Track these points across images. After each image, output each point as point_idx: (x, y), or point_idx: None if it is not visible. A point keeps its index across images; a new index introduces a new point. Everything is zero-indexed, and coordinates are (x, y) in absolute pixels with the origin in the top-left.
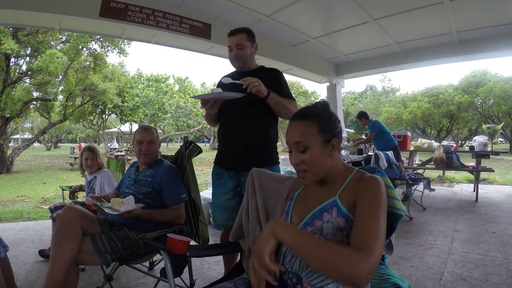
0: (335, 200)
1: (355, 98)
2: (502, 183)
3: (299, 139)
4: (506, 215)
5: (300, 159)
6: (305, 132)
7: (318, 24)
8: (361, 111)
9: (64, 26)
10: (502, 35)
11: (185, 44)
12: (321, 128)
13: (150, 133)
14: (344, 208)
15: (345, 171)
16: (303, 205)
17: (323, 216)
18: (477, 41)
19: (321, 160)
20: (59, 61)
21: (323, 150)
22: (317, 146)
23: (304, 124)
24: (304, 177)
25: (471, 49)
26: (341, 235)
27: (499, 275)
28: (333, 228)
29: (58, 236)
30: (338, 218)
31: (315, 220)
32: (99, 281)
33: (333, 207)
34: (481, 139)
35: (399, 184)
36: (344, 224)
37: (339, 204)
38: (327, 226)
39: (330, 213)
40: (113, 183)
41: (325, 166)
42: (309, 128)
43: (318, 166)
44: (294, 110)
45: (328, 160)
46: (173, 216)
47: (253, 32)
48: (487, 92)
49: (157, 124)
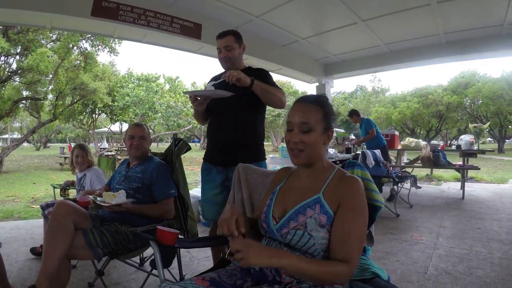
0: (319, 197)
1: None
2: (489, 181)
3: (306, 120)
4: (491, 212)
5: (301, 139)
6: (311, 115)
7: (307, 24)
8: (352, 109)
9: (55, 25)
10: (489, 37)
11: (176, 43)
12: (325, 116)
13: (141, 129)
14: (327, 206)
15: (328, 167)
16: (285, 199)
17: (307, 212)
18: (465, 43)
19: (317, 145)
20: (50, 60)
21: (321, 136)
22: (318, 131)
23: (312, 108)
24: (298, 156)
25: (458, 50)
26: (323, 231)
27: (483, 269)
28: (315, 224)
29: (51, 230)
30: (320, 214)
31: (299, 215)
32: (90, 277)
33: (317, 204)
34: (468, 138)
35: (386, 182)
36: (325, 220)
37: (322, 201)
38: (310, 222)
39: (314, 209)
40: (103, 180)
41: (317, 152)
42: (317, 112)
43: (313, 149)
44: (283, 97)
45: (321, 148)
46: (163, 211)
47: (240, 34)
48: (475, 93)
49: (147, 123)
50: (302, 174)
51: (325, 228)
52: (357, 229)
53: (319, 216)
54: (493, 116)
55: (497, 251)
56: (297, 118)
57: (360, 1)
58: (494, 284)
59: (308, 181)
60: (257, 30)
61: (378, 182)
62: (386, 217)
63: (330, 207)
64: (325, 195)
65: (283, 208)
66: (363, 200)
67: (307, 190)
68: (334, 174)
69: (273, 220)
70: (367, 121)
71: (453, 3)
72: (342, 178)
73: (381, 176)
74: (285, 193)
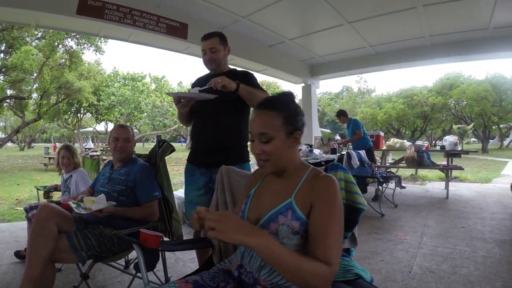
0: (291, 202)
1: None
2: (473, 181)
3: (264, 131)
4: (475, 211)
5: (262, 149)
6: (269, 124)
7: (294, 25)
8: (340, 110)
9: (40, 22)
10: (474, 40)
11: (162, 43)
12: (286, 120)
13: (126, 131)
14: (299, 211)
15: (301, 168)
16: (258, 204)
17: (279, 219)
18: (450, 45)
19: (282, 152)
20: (34, 58)
21: (285, 142)
22: (280, 138)
23: (269, 116)
24: (264, 167)
25: (443, 52)
26: (296, 238)
27: (467, 267)
28: (288, 231)
29: (34, 234)
30: (293, 221)
31: (271, 223)
32: (75, 280)
33: (288, 210)
34: (452, 138)
35: (370, 182)
36: (298, 226)
37: (294, 206)
38: (282, 229)
39: (286, 215)
40: (88, 182)
41: (285, 158)
42: (274, 119)
43: (278, 157)
44: None
45: (288, 152)
46: (147, 214)
47: (225, 36)
48: (460, 94)
49: (133, 123)
50: (274, 177)
51: (299, 234)
52: (333, 229)
53: (291, 222)
54: (477, 117)
55: (481, 249)
56: (255, 129)
57: (346, 3)
58: (478, 282)
59: (281, 184)
60: (244, 30)
61: (363, 182)
62: (371, 216)
63: (302, 211)
64: (297, 199)
65: (257, 213)
66: (338, 200)
67: (280, 194)
68: (307, 176)
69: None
70: (355, 121)
71: (439, 6)
72: (316, 178)
73: (366, 177)
74: (259, 197)
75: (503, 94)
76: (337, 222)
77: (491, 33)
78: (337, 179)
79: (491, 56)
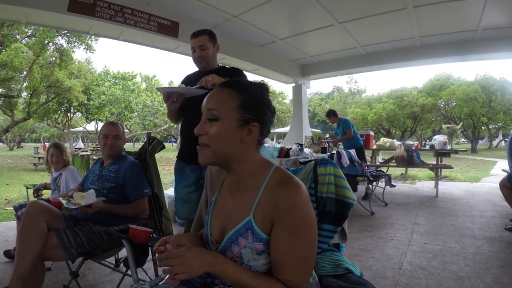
0: (250, 221)
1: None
2: (462, 180)
3: (212, 106)
4: (464, 209)
5: (204, 129)
6: (222, 100)
7: (285, 25)
8: (330, 109)
9: (31, 20)
10: (463, 41)
11: (153, 42)
12: (243, 103)
13: (116, 128)
14: (259, 231)
15: (262, 169)
16: (218, 217)
17: (239, 241)
18: (440, 46)
19: (228, 141)
20: (24, 56)
21: (236, 130)
22: (229, 122)
23: (225, 93)
24: (201, 152)
25: (433, 53)
26: (262, 257)
27: (457, 263)
28: (252, 253)
29: (24, 231)
30: (255, 243)
31: (232, 245)
32: (65, 279)
33: (248, 231)
34: (441, 138)
35: (360, 180)
36: (262, 247)
37: (254, 227)
38: (245, 252)
39: (246, 237)
40: (77, 180)
41: (232, 151)
42: (229, 98)
43: (221, 146)
44: None
45: (238, 146)
46: (137, 211)
47: (214, 33)
48: (449, 95)
49: (123, 123)
50: (231, 182)
51: (265, 253)
52: (303, 247)
53: (253, 244)
54: (467, 117)
55: (470, 246)
56: (205, 104)
57: (337, 3)
58: (468, 278)
59: (238, 194)
60: (235, 30)
61: (353, 181)
62: (361, 215)
63: (263, 230)
64: (256, 216)
65: (218, 230)
66: (306, 212)
67: (238, 208)
68: (268, 181)
69: (213, 244)
70: (345, 121)
71: (429, 8)
72: (278, 186)
73: (356, 175)
74: (219, 208)
75: (492, 95)
76: (305, 238)
77: (480, 34)
78: (327, 174)
79: (480, 57)
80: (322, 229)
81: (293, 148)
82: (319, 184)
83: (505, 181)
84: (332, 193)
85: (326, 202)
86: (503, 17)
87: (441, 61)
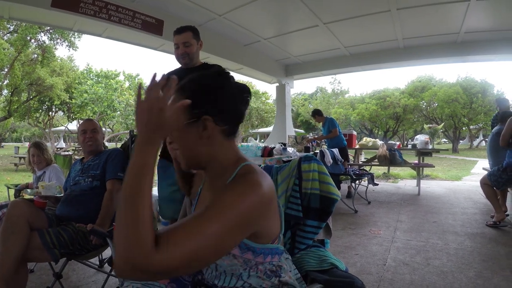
0: None
1: (305, 99)
2: (444, 178)
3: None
4: (446, 206)
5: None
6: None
7: (269, 25)
8: (315, 109)
9: (14, 15)
10: (445, 44)
11: (137, 39)
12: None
13: (92, 123)
14: None
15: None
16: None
17: None
18: (422, 48)
19: (188, 142)
20: (6, 53)
21: (190, 130)
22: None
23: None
24: (176, 156)
25: (416, 55)
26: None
27: (440, 259)
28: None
29: (5, 232)
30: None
31: None
32: (48, 281)
33: None
34: (423, 137)
35: (343, 179)
36: (238, 251)
37: None
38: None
39: None
40: (61, 178)
41: (197, 152)
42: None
43: (185, 149)
44: None
45: (201, 145)
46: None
47: (198, 30)
48: (431, 96)
49: (105, 122)
50: (207, 182)
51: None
52: (190, 224)
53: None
54: (448, 118)
55: (453, 242)
56: None
57: (322, 4)
58: (451, 272)
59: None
60: (219, 29)
61: (336, 180)
62: (345, 213)
63: None
64: None
65: None
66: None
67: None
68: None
69: None
70: (331, 120)
71: (412, 10)
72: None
73: (339, 174)
74: (201, 201)
75: (473, 97)
76: (211, 222)
77: (462, 37)
78: (311, 170)
79: (462, 60)
80: (307, 225)
81: (277, 147)
82: (303, 181)
83: (486, 179)
84: (316, 189)
85: (311, 198)
86: (485, 21)
87: (424, 62)
